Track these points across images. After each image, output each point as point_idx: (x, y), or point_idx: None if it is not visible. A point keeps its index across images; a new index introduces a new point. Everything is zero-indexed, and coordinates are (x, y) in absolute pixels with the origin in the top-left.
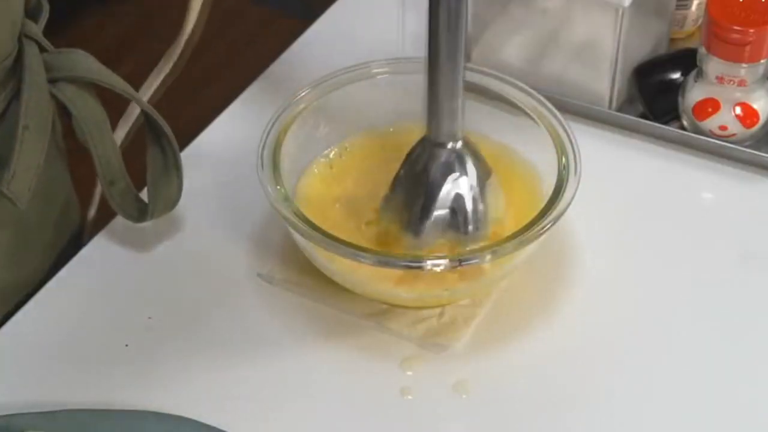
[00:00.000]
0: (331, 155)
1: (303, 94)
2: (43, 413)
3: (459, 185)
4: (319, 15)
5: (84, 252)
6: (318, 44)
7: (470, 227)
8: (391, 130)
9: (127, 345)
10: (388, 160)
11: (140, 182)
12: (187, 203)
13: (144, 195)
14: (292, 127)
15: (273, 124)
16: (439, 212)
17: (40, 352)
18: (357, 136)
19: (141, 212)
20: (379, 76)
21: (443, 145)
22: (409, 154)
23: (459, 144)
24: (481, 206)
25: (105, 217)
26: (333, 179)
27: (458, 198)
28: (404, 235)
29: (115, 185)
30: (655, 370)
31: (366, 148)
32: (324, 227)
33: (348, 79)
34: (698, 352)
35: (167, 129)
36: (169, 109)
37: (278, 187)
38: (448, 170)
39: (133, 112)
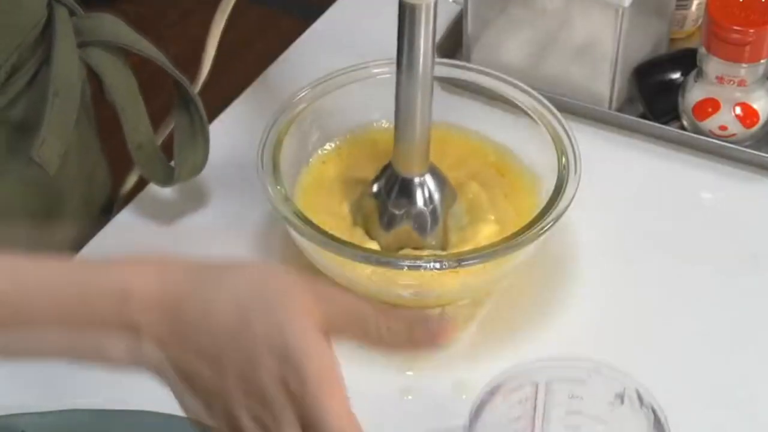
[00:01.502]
0: (327, 150)
1: (303, 94)
2: (43, 413)
3: (420, 212)
4: (319, 15)
5: (83, 252)
6: (318, 44)
7: (430, 242)
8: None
9: None
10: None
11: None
12: (187, 202)
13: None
14: (292, 128)
15: (273, 124)
16: (400, 231)
17: None
18: (353, 132)
19: (167, 176)
20: (379, 76)
21: (410, 179)
22: (378, 178)
23: (425, 176)
24: (440, 231)
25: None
26: (329, 172)
27: (420, 219)
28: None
29: (143, 149)
30: (655, 370)
31: (360, 143)
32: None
33: (348, 79)
34: (697, 351)
35: (195, 96)
36: None
37: (278, 187)
38: (411, 200)
39: None
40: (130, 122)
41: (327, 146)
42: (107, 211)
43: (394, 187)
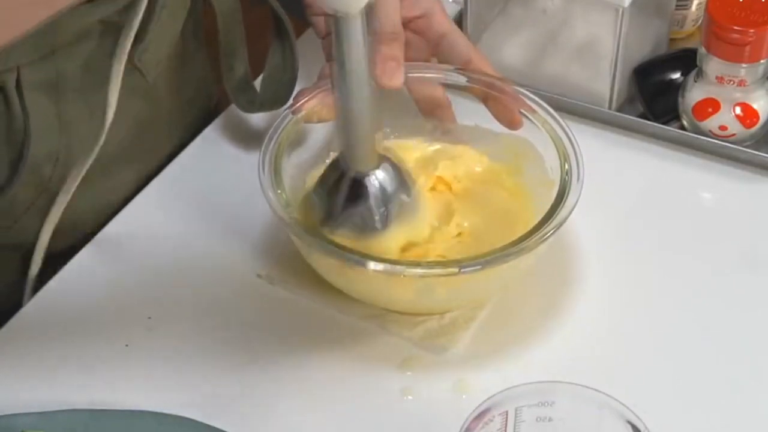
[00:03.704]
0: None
1: (305, 97)
2: (43, 413)
3: (369, 207)
4: None
5: (84, 252)
6: (318, 44)
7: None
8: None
9: (127, 345)
10: None
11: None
12: (187, 203)
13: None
14: (295, 132)
15: (275, 129)
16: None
17: (40, 352)
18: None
19: (251, 102)
20: None
21: (360, 175)
22: (327, 173)
23: (376, 171)
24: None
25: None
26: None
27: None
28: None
29: (234, 71)
30: (655, 371)
31: None
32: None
33: None
34: (697, 351)
35: (291, 31)
36: None
37: (279, 191)
38: (362, 196)
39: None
40: (227, 45)
41: (331, 150)
42: (209, 116)
43: (345, 186)
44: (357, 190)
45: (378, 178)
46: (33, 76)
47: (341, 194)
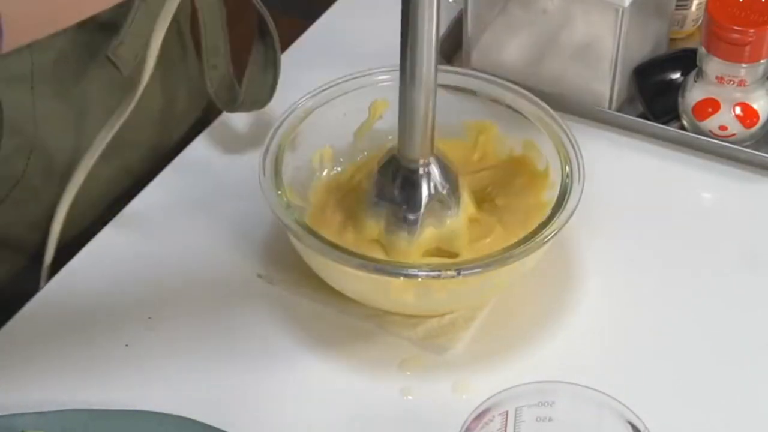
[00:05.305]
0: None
1: (305, 101)
2: (43, 413)
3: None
4: (319, 15)
5: (83, 252)
6: (318, 44)
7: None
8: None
9: (127, 345)
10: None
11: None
12: (187, 203)
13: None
14: (295, 134)
15: (276, 131)
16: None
17: (40, 352)
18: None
19: (232, 101)
20: (381, 84)
21: (415, 163)
22: (381, 168)
23: (429, 161)
24: (451, 210)
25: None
26: (337, 180)
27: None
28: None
29: (217, 70)
30: (655, 371)
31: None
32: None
33: (350, 86)
34: (697, 351)
35: (273, 29)
36: None
37: (279, 192)
38: (416, 187)
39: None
40: (209, 42)
41: (331, 151)
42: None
43: (400, 176)
44: (409, 178)
45: (430, 170)
46: (7, 68)
47: (396, 181)
